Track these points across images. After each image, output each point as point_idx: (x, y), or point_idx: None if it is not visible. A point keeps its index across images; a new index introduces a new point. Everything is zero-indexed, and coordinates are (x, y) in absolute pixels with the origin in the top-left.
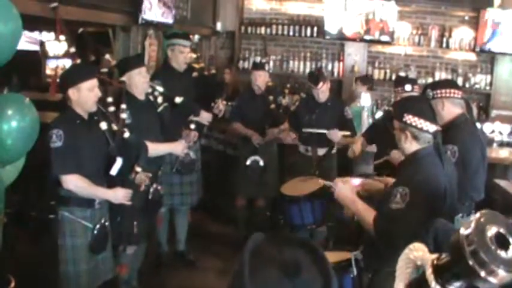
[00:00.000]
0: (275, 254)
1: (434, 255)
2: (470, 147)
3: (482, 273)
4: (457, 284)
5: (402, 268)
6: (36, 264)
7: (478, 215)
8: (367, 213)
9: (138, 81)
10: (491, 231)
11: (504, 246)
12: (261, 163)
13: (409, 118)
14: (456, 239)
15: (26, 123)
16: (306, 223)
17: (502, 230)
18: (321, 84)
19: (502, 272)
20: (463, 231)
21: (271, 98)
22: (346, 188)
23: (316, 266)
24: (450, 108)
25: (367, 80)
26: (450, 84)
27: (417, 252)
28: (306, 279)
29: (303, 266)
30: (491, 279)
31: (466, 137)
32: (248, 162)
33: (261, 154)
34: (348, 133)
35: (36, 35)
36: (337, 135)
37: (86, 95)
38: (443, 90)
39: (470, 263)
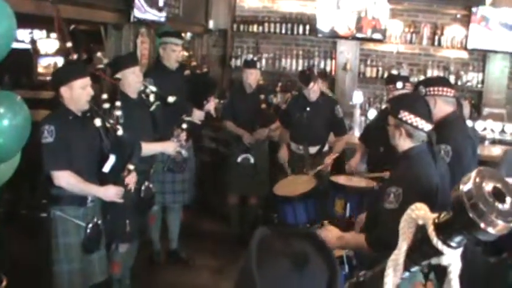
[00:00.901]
0: (282, 246)
1: (435, 214)
2: (462, 144)
3: (482, 225)
4: (458, 238)
5: (405, 228)
6: (29, 263)
7: (474, 173)
8: (358, 239)
9: (132, 81)
10: (488, 186)
11: (500, 199)
12: (252, 160)
13: (405, 115)
14: (456, 195)
15: (18, 122)
16: (299, 222)
17: (498, 185)
18: (311, 84)
19: (500, 222)
20: (463, 187)
21: (262, 96)
22: (328, 233)
23: (322, 258)
24: (442, 107)
25: (323, 75)
26: (443, 82)
27: (419, 211)
28: (313, 270)
29: (310, 257)
30: (490, 229)
31: (457, 135)
32: (239, 160)
33: (252, 152)
34: (336, 155)
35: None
36: (328, 165)
37: (78, 93)
38: (436, 88)
39: (471, 215)
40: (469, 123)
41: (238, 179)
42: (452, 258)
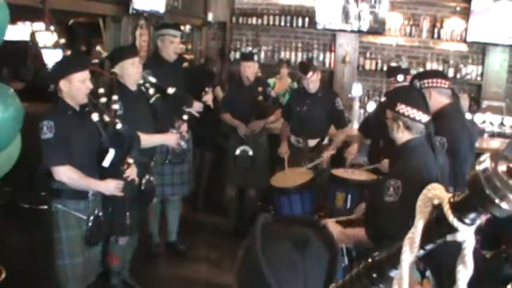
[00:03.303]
0: (284, 229)
1: (450, 194)
2: (458, 136)
3: (497, 200)
4: (472, 215)
5: (421, 207)
6: (27, 256)
7: (489, 154)
8: (358, 232)
9: (131, 72)
10: (503, 166)
11: None
12: (250, 153)
13: (402, 108)
14: (473, 173)
15: (10, 114)
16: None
17: (511, 165)
18: (310, 73)
19: None
20: (479, 167)
21: (260, 89)
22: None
23: (322, 240)
24: (437, 98)
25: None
26: (437, 74)
27: (434, 191)
28: (314, 252)
29: (310, 239)
30: (504, 204)
31: (454, 127)
32: (237, 152)
33: (250, 145)
34: (333, 152)
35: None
36: (326, 159)
37: (77, 87)
38: (430, 80)
39: (487, 191)
40: (468, 116)
41: (237, 172)
42: (466, 234)
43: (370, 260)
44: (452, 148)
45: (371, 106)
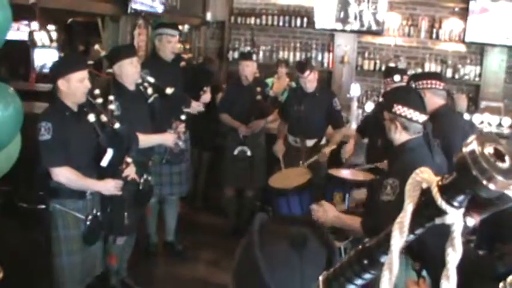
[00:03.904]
0: (282, 229)
1: (438, 177)
2: (453, 137)
3: (484, 181)
4: (460, 198)
5: (410, 191)
6: (26, 256)
7: (475, 136)
8: (354, 221)
9: (130, 71)
10: (489, 148)
11: (501, 159)
12: (249, 153)
13: (399, 108)
14: (460, 156)
15: (10, 113)
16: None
17: (498, 147)
18: (307, 72)
19: (500, 179)
20: (465, 149)
21: (258, 89)
22: (326, 210)
23: (320, 240)
24: (432, 99)
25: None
26: (433, 75)
27: (423, 175)
28: (312, 251)
29: (308, 239)
30: (492, 186)
31: (448, 127)
32: (235, 152)
33: (249, 145)
34: (334, 147)
35: None
36: (326, 154)
37: (75, 86)
38: (425, 81)
39: (474, 173)
40: (467, 116)
41: (235, 172)
42: (455, 217)
43: (360, 246)
44: (446, 149)
45: (369, 106)
